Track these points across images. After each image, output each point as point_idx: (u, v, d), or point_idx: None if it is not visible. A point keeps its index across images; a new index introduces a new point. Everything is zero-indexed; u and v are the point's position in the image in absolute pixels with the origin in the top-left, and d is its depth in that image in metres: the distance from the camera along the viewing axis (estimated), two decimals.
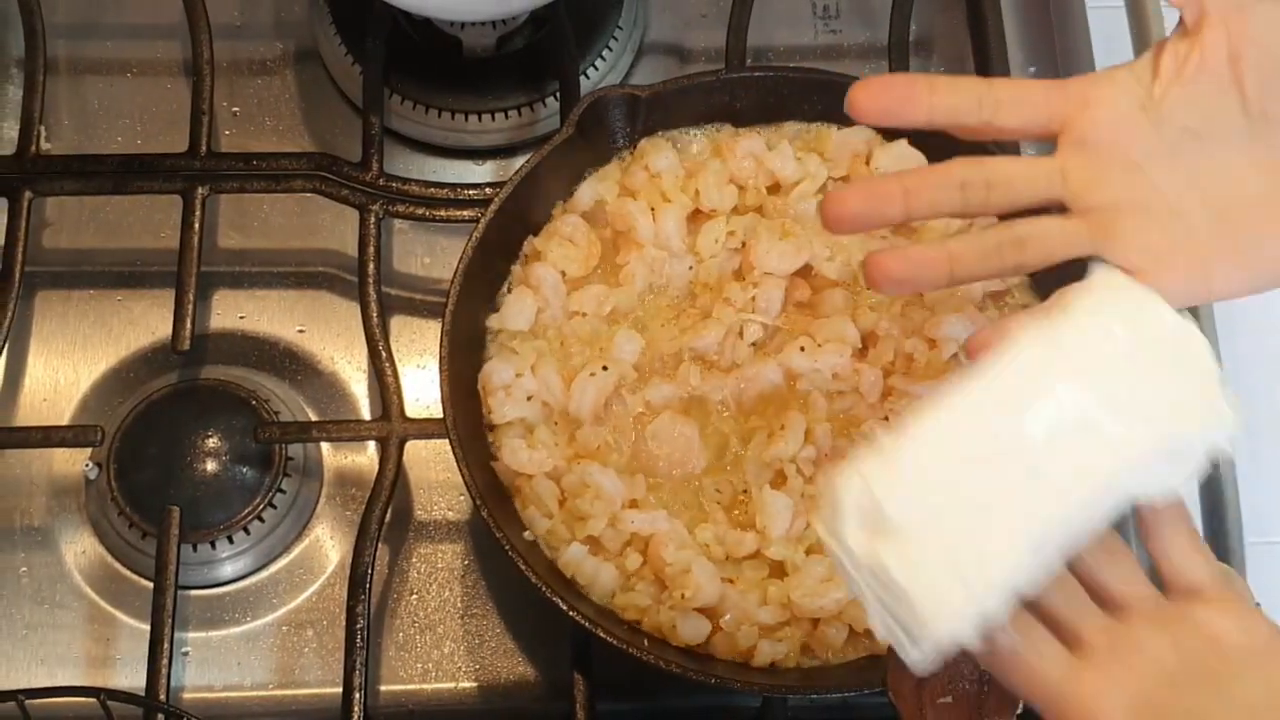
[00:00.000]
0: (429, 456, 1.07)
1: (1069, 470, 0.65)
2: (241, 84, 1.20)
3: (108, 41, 1.22)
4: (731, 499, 0.97)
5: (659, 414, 0.98)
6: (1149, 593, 0.70)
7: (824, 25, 1.23)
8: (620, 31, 1.20)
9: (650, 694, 1.00)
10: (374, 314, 1.06)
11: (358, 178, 1.10)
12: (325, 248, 1.14)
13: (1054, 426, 0.66)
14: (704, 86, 1.05)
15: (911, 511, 0.65)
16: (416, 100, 1.17)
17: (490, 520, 0.92)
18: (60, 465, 1.07)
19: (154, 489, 1.03)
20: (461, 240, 1.00)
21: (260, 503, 1.03)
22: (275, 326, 1.12)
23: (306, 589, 1.05)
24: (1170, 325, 0.68)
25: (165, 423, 1.05)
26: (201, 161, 1.10)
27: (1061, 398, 0.66)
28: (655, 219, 1.02)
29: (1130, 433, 0.66)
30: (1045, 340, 0.68)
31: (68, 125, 1.19)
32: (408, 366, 1.09)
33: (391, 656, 1.02)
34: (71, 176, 1.11)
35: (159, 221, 1.14)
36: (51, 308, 1.12)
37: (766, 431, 0.97)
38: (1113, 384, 0.66)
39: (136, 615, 1.02)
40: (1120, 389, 0.66)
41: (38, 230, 1.13)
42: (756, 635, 0.92)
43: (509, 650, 1.03)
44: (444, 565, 1.05)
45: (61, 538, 1.05)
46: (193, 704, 1.00)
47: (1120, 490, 0.67)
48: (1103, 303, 0.68)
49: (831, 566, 0.92)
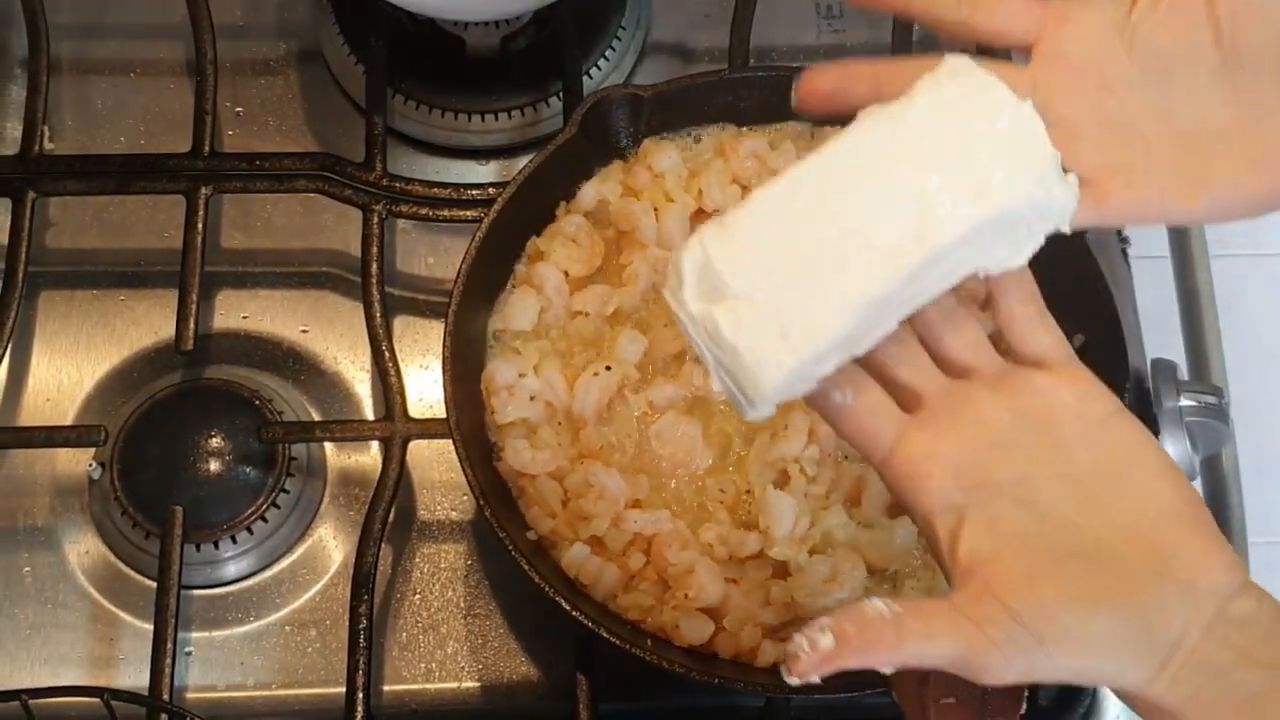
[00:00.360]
0: (432, 456, 1.07)
1: (901, 239, 0.67)
2: (245, 84, 1.20)
3: (111, 41, 1.22)
4: (735, 499, 0.96)
5: (662, 414, 0.98)
6: (993, 361, 0.72)
7: (827, 25, 1.23)
8: (623, 31, 1.20)
9: (653, 694, 1.00)
10: (377, 314, 1.06)
11: (361, 178, 1.10)
12: (328, 248, 1.14)
13: (888, 197, 0.68)
14: (707, 86, 1.05)
15: (744, 275, 0.67)
16: (420, 100, 1.17)
17: (493, 520, 0.92)
18: (64, 465, 1.07)
19: (157, 489, 1.03)
20: (465, 240, 1.00)
21: (263, 503, 1.03)
22: (278, 326, 1.12)
23: (310, 589, 1.05)
24: (1011, 110, 0.69)
25: (169, 423, 1.05)
26: (205, 161, 1.11)
27: (897, 170, 0.68)
28: (658, 219, 1.02)
29: (965, 206, 0.68)
30: (886, 118, 0.69)
31: (71, 125, 1.19)
32: (411, 366, 1.09)
33: (395, 656, 1.02)
34: (75, 176, 1.11)
35: (162, 221, 1.14)
36: (55, 308, 1.12)
37: (770, 431, 0.97)
38: (949, 160, 0.68)
39: (140, 615, 1.02)
40: (956, 165, 0.68)
41: (41, 230, 1.13)
42: (760, 635, 0.92)
43: (512, 650, 1.03)
44: (447, 565, 1.05)
45: (65, 538, 1.06)
46: (196, 704, 1.00)
47: (956, 261, 0.69)
48: (946, 86, 0.70)
49: (834, 567, 0.93)
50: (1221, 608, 0.65)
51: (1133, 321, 1.09)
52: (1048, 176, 0.69)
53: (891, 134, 0.69)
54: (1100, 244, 1.05)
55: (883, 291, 0.67)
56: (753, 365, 0.68)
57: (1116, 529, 0.67)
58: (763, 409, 0.69)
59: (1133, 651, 0.64)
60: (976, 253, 0.70)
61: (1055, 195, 0.70)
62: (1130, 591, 0.65)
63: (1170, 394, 1.03)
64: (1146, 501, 0.68)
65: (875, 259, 0.67)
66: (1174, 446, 1.01)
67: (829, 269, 0.67)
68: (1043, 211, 0.70)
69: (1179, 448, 1.01)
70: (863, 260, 0.67)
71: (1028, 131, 0.69)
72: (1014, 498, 0.68)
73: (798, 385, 0.69)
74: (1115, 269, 1.10)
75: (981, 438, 0.69)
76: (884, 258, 0.67)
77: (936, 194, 0.68)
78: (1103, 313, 0.97)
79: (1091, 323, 0.97)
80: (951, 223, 0.67)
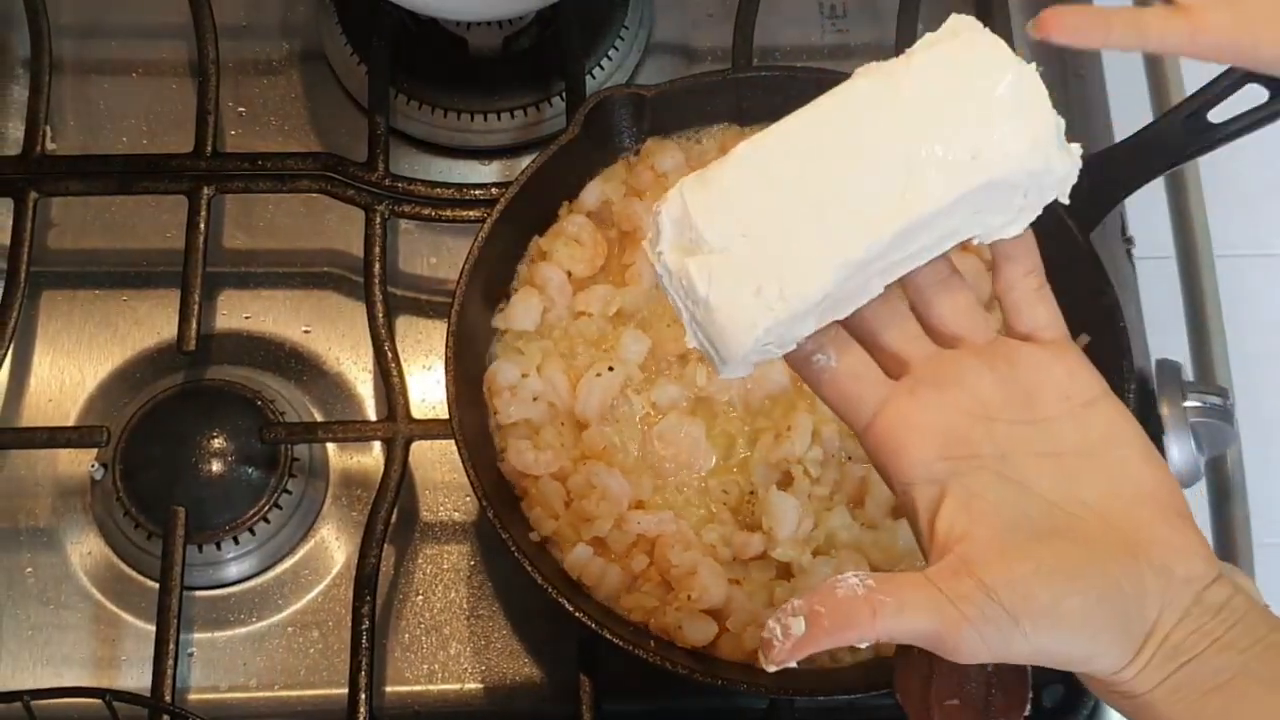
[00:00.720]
0: (435, 457, 1.07)
1: (886, 202, 0.65)
2: (247, 84, 1.20)
3: (113, 42, 1.22)
4: (738, 500, 0.96)
5: (665, 415, 0.98)
6: (983, 330, 0.71)
7: (831, 25, 1.23)
8: (626, 31, 1.20)
9: (656, 695, 1.00)
10: (380, 314, 1.06)
11: (363, 178, 1.10)
12: (331, 248, 1.14)
13: (875, 158, 0.66)
14: (710, 86, 1.05)
15: (721, 229, 0.66)
16: (422, 100, 1.17)
17: (496, 521, 0.91)
18: (66, 466, 1.07)
19: (159, 490, 1.02)
20: (467, 240, 1.00)
21: (266, 503, 1.03)
22: (281, 327, 1.12)
23: (312, 590, 1.05)
24: (1013, 73, 0.67)
25: (171, 423, 1.05)
26: (207, 162, 1.10)
27: (888, 131, 0.66)
28: None
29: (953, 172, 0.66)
30: (882, 75, 0.68)
31: (73, 125, 1.19)
32: (413, 367, 1.09)
33: (397, 658, 1.02)
34: (77, 177, 1.11)
35: (164, 222, 1.14)
36: (57, 308, 1.12)
37: (773, 432, 0.97)
38: (942, 123, 0.66)
39: (142, 616, 1.02)
40: (949, 129, 0.66)
41: (43, 230, 1.13)
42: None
43: (515, 651, 1.03)
44: (450, 566, 1.05)
45: (67, 538, 1.05)
46: (198, 705, 1.00)
47: (944, 228, 0.67)
48: (947, 45, 0.68)
49: (838, 568, 0.93)
50: (1198, 595, 0.65)
51: (1137, 322, 1.09)
52: (1047, 144, 0.67)
53: (885, 93, 0.67)
54: (1104, 244, 1.05)
55: (864, 254, 0.65)
56: (725, 323, 0.66)
57: (1096, 511, 0.66)
58: (736, 369, 0.68)
59: (1107, 632, 0.64)
60: (966, 220, 0.68)
61: (1054, 164, 0.68)
62: (1107, 572, 0.64)
63: (1175, 395, 1.02)
64: (1128, 485, 0.67)
65: (858, 221, 0.65)
66: (1179, 448, 1.00)
67: (809, 228, 0.66)
68: (1039, 180, 0.68)
69: (1184, 449, 1.01)
70: (844, 221, 0.65)
71: (1029, 96, 0.67)
72: (995, 473, 0.67)
73: (774, 347, 0.68)
74: (1119, 269, 1.10)
75: (966, 410, 0.68)
76: (867, 220, 0.65)
77: (925, 158, 0.66)
78: (1107, 313, 0.97)
79: (1095, 323, 0.97)
80: (938, 188, 0.66)
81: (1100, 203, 1.00)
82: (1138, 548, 0.65)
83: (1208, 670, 0.64)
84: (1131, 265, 1.13)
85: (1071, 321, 0.80)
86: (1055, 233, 0.96)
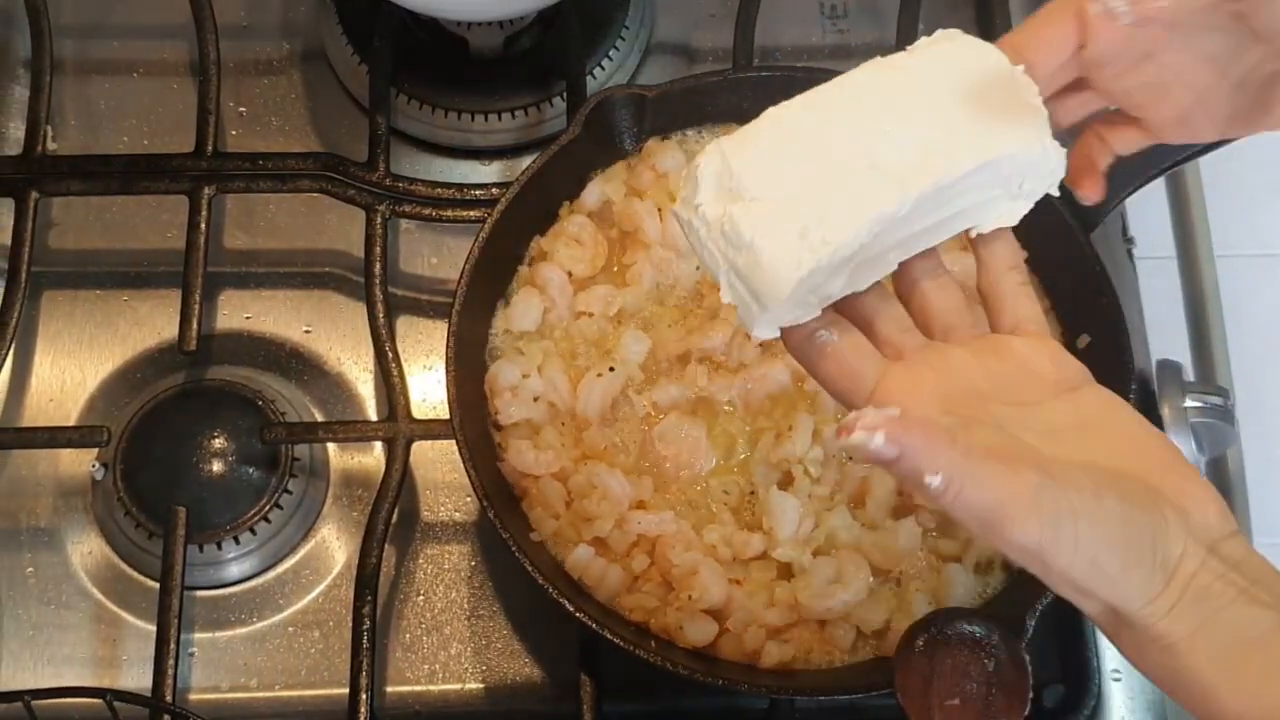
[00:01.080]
0: (435, 457, 1.07)
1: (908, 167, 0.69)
2: (248, 84, 1.20)
3: (114, 42, 1.22)
4: (739, 500, 0.96)
5: (666, 415, 0.98)
6: (971, 324, 0.73)
7: (832, 25, 1.23)
8: (627, 31, 1.20)
9: (657, 696, 1.00)
10: (380, 314, 1.06)
11: (364, 178, 1.10)
12: (331, 248, 1.14)
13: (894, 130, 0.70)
14: (711, 86, 1.05)
15: (762, 178, 0.69)
16: (423, 100, 1.17)
17: (497, 521, 0.92)
18: (67, 466, 1.07)
19: (160, 489, 1.02)
20: (468, 241, 1.00)
21: (266, 503, 1.03)
22: (281, 327, 1.12)
23: (313, 590, 1.05)
24: (1005, 71, 0.71)
25: (172, 423, 1.05)
26: (208, 162, 1.10)
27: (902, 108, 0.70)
28: (662, 219, 1.02)
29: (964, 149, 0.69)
30: (889, 65, 0.72)
31: (74, 125, 1.19)
32: (414, 367, 1.09)
33: (398, 658, 1.02)
34: (78, 177, 1.11)
35: (165, 222, 1.14)
36: (58, 308, 1.12)
37: (774, 432, 0.97)
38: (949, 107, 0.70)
39: (143, 616, 1.02)
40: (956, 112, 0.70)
41: (44, 230, 1.13)
42: (764, 637, 0.92)
43: (516, 651, 1.03)
44: (450, 566, 1.05)
45: (68, 538, 1.05)
46: (198, 705, 1.00)
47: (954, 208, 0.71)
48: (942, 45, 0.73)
49: (839, 568, 0.93)
50: (1215, 544, 0.65)
51: (1138, 322, 1.09)
52: (1041, 133, 0.71)
53: (896, 78, 0.71)
54: (1105, 244, 1.05)
55: (895, 210, 0.68)
56: (770, 264, 0.68)
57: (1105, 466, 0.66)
58: (770, 324, 0.70)
59: (1135, 556, 0.64)
60: (974, 201, 0.71)
61: (1049, 154, 0.71)
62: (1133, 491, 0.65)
63: (1175, 395, 1.03)
64: (1131, 446, 0.68)
65: (888, 179, 0.68)
66: (1179, 448, 1.00)
67: (846, 180, 0.69)
68: (1037, 168, 0.71)
69: (1184, 449, 1.01)
70: (874, 179, 0.69)
71: (1021, 91, 0.71)
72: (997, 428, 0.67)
73: (803, 308, 0.70)
74: (1120, 269, 1.10)
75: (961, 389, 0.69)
76: (898, 178, 0.68)
77: (938, 134, 0.69)
78: (1107, 313, 0.97)
79: (1096, 323, 0.97)
80: (953, 159, 0.69)
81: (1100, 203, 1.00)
82: (1155, 492, 0.65)
83: (1243, 620, 0.64)
84: (1132, 265, 1.13)
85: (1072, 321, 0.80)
86: (1056, 233, 0.96)
